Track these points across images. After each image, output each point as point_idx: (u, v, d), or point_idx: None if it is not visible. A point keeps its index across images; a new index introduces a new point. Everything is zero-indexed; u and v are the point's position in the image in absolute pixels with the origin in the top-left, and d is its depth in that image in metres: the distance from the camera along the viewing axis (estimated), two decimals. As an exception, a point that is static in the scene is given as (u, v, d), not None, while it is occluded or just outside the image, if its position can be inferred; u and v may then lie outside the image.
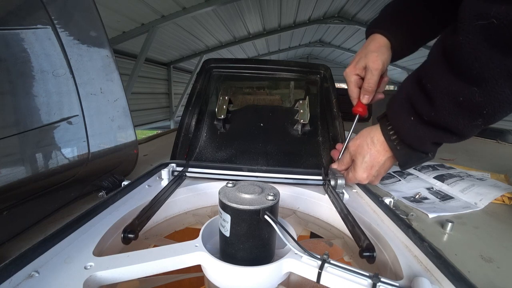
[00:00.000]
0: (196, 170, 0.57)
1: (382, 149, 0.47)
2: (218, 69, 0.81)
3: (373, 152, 0.48)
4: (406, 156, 0.45)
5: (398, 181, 0.71)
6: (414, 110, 0.40)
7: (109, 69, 0.55)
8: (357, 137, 0.51)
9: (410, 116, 0.41)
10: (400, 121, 0.43)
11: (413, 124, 0.40)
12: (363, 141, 0.49)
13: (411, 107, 0.40)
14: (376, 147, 0.48)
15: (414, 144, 0.43)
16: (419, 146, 0.43)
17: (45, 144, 0.44)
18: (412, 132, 0.41)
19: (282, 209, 0.55)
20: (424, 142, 0.41)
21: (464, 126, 0.36)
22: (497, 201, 0.60)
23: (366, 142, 0.48)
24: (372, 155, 0.48)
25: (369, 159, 0.49)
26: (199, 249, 0.33)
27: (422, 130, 0.40)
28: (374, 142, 0.48)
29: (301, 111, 0.70)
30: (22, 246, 0.37)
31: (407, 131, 0.42)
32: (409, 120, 0.41)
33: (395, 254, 0.35)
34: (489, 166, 0.86)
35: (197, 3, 3.67)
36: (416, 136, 0.41)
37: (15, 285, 0.27)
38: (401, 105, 0.42)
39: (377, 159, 0.48)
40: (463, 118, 0.35)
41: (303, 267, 0.31)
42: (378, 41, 0.54)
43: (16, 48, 0.41)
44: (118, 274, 0.30)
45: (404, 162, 0.46)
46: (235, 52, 6.69)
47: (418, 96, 0.39)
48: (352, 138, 0.52)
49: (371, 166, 0.49)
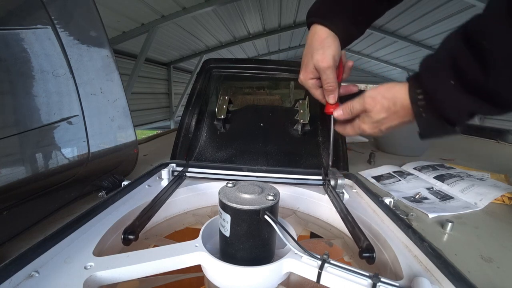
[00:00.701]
0: (196, 170, 0.57)
1: (402, 112, 0.42)
2: (218, 69, 0.81)
3: (391, 114, 0.42)
4: (430, 126, 0.39)
5: (398, 181, 0.71)
6: (458, 72, 0.33)
7: (109, 69, 0.55)
8: (378, 91, 0.44)
9: (450, 79, 0.34)
10: (436, 84, 0.36)
11: (452, 89, 0.34)
12: (384, 99, 0.43)
13: (455, 68, 0.34)
14: (396, 108, 0.42)
15: (447, 113, 0.37)
16: (452, 116, 0.37)
17: (45, 144, 0.44)
18: (449, 99, 0.35)
19: (282, 209, 0.55)
20: (460, 112, 0.36)
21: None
22: (497, 201, 0.60)
23: (388, 100, 0.42)
24: (389, 116, 0.43)
25: (384, 118, 0.43)
26: (199, 249, 0.33)
27: (462, 98, 0.34)
28: (397, 103, 0.41)
29: (301, 111, 0.70)
30: (22, 246, 0.37)
31: (443, 96, 0.36)
32: (448, 83, 0.35)
33: (395, 254, 0.35)
34: (489, 166, 0.86)
35: (197, 3, 3.68)
36: (453, 103, 0.35)
37: (15, 285, 0.27)
38: (441, 65, 0.36)
39: (393, 121, 0.43)
40: None
41: (303, 267, 0.31)
42: (319, 34, 0.49)
43: (16, 48, 0.41)
44: (118, 274, 0.30)
45: (426, 132, 0.41)
46: (235, 52, 6.69)
47: (466, 55, 0.32)
48: (372, 88, 0.45)
49: (382, 124, 0.44)
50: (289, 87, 0.97)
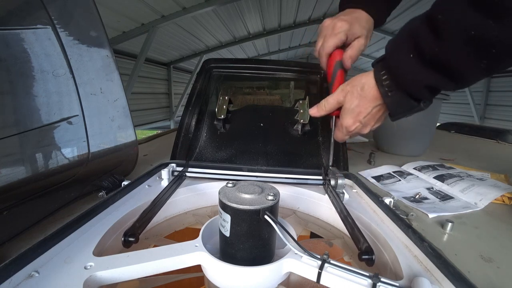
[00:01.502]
0: (196, 170, 0.57)
1: (371, 96, 0.45)
2: (218, 69, 0.81)
3: (362, 99, 0.46)
4: (397, 104, 0.43)
5: (398, 181, 0.71)
6: (415, 45, 0.37)
7: (109, 69, 0.55)
8: (348, 83, 0.48)
9: (409, 53, 0.38)
10: (397, 59, 0.40)
11: (411, 62, 0.38)
12: (353, 88, 0.47)
13: (413, 42, 0.38)
14: (365, 93, 0.45)
15: (408, 86, 0.40)
16: (413, 89, 0.40)
17: (45, 144, 0.44)
18: (408, 72, 0.39)
19: (282, 209, 0.55)
20: (419, 84, 0.39)
21: (466, 67, 0.34)
22: (497, 201, 0.60)
23: (356, 88, 0.46)
24: (361, 101, 0.46)
25: (357, 105, 0.47)
26: (199, 249, 0.33)
27: (420, 70, 0.37)
28: (364, 88, 0.45)
29: (301, 111, 0.70)
30: (22, 246, 0.37)
31: (403, 70, 0.40)
32: (407, 57, 0.38)
33: (395, 254, 0.35)
34: (489, 166, 0.86)
35: (197, 3, 3.68)
36: (412, 77, 0.39)
37: (15, 285, 0.27)
38: (402, 41, 0.40)
39: (365, 105, 0.46)
40: (468, 57, 0.33)
41: (303, 267, 0.31)
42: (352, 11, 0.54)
43: (16, 48, 0.41)
44: (118, 274, 0.30)
45: (394, 111, 0.45)
46: (235, 52, 6.70)
47: (424, 29, 0.36)
48: (341, 86, 0.50)
49: (358, 112, 0.47)
50: (289, 87, 0.97)
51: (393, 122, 0.95)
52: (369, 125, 0.50)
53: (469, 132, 1.65)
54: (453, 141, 1.41)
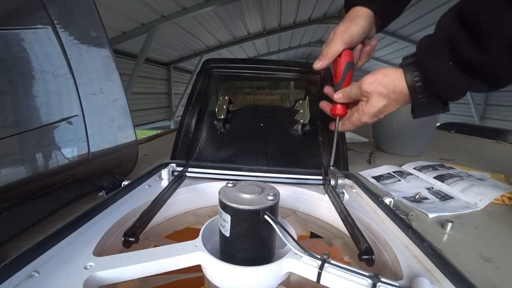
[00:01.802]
0: (196, 170, 0.57)
1: (401, 99, 0.43)
2: (218, 69, 0.81)
3: (391, 101, 0.44)
4: (425, 107, 0.42)
5: (398, 181, 0.71)
6: (455, 53, 0.35)
7: (109, 69, 0.55)
8: (377, 78, 0.45)
9: (448, 60, 0.36)
10: (435, 66, 0.38)
11: (450, 70, 0.36)
12: (384, 88, 0.44)
13: (452, 49, 0.35)
14: (396, 95, 0.43)
15: (444, 93, 0.39)
16: (449, 95, 0.39)
17: (45, 144, 0.44)
18: (447, 79, 0.37)
19: (282, 209, 0.55)
20: (457, 91, 0.37)
21: (508, 73, 0.33)
22: (497, 201, 0.60)
23: (387, 89, 0.44)
24: (390, 103, 0.44)
25: (384, 106, 0.45)
26: (199, 249, 0.33)
27: (459, 77, 0.35)
28: (396, 92, 0.43)
29: (301, 111, 0.70)
30: (22, 246, 0.37)
31: (441, 77, 0.37)
32: (446, 65, 0.36)
33: (395, 254, 0.35)
34: (489, 166, 0.86)
35: (197, 3, 3.68)
36: (451, 84, 0.37)
37: (15, 285, 0.27)
38: (439, 47, 0.37)
39: (392, 107, 0.45)
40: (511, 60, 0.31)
41: (303, 267, 0.31)
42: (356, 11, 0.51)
43: (16, 48, 0.41)
44: (118, 274, 0.30)
45: (420, 112, 0.43)
46: (235, 52, 6.69)
47: (463, 36, 0.34)
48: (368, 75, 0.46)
49: (383, 111, 0.46)
50: (289, 87, 0.97)
51: (393, 122, 0.95)
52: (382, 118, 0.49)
53: (469, 132, 1.65)
54: (453, 141, 1.41)
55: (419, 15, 4.42)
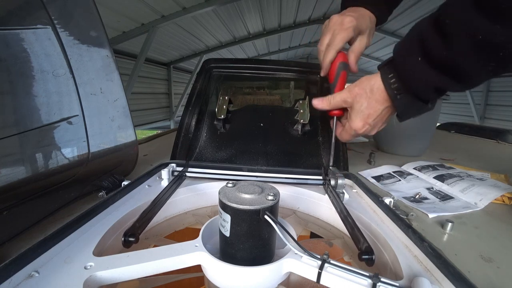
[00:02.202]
0: (196, 170, 0.57)
1: (381, 98, 0.45)
2: (218, 69, 0.81)
3: (371, 101, 0.46)
4: (405, 106, 0.44)
5: (398, 181, 0.71)
6: (424, 49, 0.38)
7: (109, 69, 0.55)
8: (356, 84, 0.48)
9: (418, 56, 0.39)
10: (406, 63, 0.41)
11: (419, 66, 0.39)
12: (362, 90, 0.47)
13: (422, 46, 0.38)
14: (375, 96, 0.46)
15: (417, 89, 0.41)
16: (422, 91, 0.41)
17: (45, 144, 0.44)
18: (417, 75, 0.40)
19: (282, 209, 0.55)
20: (428, 87, 0.40)
21: (474, 70, 0.35)
22: (497, 201, 0.60)
23: (365, 90, 0.46)
24: (370, 103, 0.46)
25: (366, 107, 0.47)
26: (199, 249, 0.33)
27: (428, 73, 0.38)
28: (374, 90, 0.46)
29: (301, 111, 0.70)
30: (22, 246, 0.37)
31: (411, 73, 0.40)
32: (416, 61, 0.39)
33: (395, 254, 0.35)
34: (489, 166, 0.86)
35: (197, 3, 3.68)
36: (421, 79, 0.40)
37: (15, 285, 0.27)
38: (410, 45, 0.40)
39: (375, 108, 0.47)
40: (476, 60, 0.34)
41: (303, 267, 0.31)
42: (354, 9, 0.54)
43: (16, 48, 0.41)
44: (118, 274, 0.30)
45: (402, 112, 0.45)
46: (235, 52, 6.70)
47: (432, 33, 0.37)
48: (349, 86, 0.50)
49: (368, 115, 0.48)
50: (289, 87, 0.97)
51: (393, 122, 0.95)
52: (377, 126, 0.50)
53: (469, 132, 1.65)
54: (453, 141, 1.41)
55: (419, 15, 4.43)
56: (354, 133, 0.52)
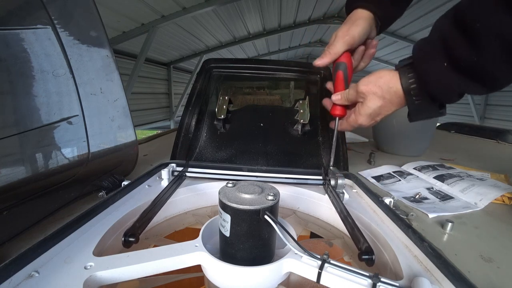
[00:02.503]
0: (196, 170, 0.57)
1: (396, 101, 0.44)
2: (218, 69, 0.81)
3: (386, 102, 0.44)
4: (422, 111, 0.42)
5: (398, 181, 0.71)
6: (450, 54, 0.35)
7: (109, 69, 0.55)
8: (372, 81, 0.45)
9: (443, 61, 0.36)
10: (430, 67, 0.38)
11: (445, 71, 0.36)
12: (378, 89, 0.44)
13: (447, 50, 0.35)
14: (391, 97, 0.43)
15: (439, 95, 0.39)
16: (444, 97, 0.39)
17: (45, 144, 0.44)
18: (442, 81, 0.37)
19: (282, 209, 0.55)
20: (452, 92, 0.38)
21: (504, 74, 0.33)
22: (497, 201, 0.60)
23: (382, 89, 0.44)
24: (385, 104, 0.45)
25: (379, 108, 0.45)
26: (199, 249, 0.33)
27: (454, 78, 0.36)
28: (391, 92, 0.43)
29: (301, 111, 0.70)
30: (22, 246, 0.37)
31: (436, 79, 0.37)
32: (441, 66, 0.36)
33: (395, 254, 0.35)
34: (489, 166, 0.86)
35: (197, 3, 3.68)
36: (446, 85, 0.37)
37: (15, 285, 0.27)
38: (433, 49, 0.37)
39: (388, 109, 0.45)
40: (507, 64, 0.32)
41: (303, 267, 0.31)
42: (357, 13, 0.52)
43: (16, 48, 0.41)
44: (118, 274, 0.30)
45: (415, 115, 0.43)
46: (235, 52, 6.69)
47: (457, 37, 0.34)
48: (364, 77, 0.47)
49: (379, 113, 0.46)
50: (289, 87, 0.97)
51: (393, 122, 0.95)
52: (379, 121, 0.49)
53: (469, 132, 1.65)
54: (453, 141, 1.41)
55: (419, 15, 4.42)
56: (357, 126, 0.51)
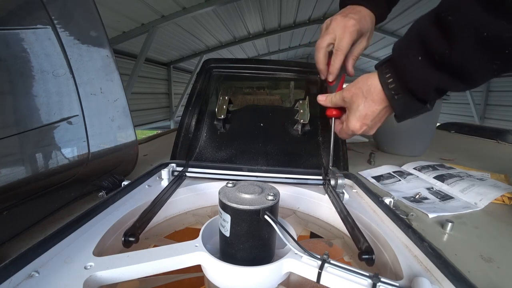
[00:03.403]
0: (196, 170, 0.57)
1: (378, 98, 0.44)
2: (218, 69, 0.81)
3: (368, 101, 0.45)
4: (403, 106, 0.43)
5: (398, 181, 0.71)
6: (425, 47, 0.36)
7: (109, 69, 0.55)
8: (353, 84, 0.47)
9: (418, 55, 0.37)
10: (405, 62, 0.39)
11: (420, 65, 0.37)
12: (358, 90, 0.46)
13: (422, 44, 0.36)
14: (372, 96, 0.44)
15: (416, 90, 0.39)
16: (421, 92, 0.39)
17: (45, 144, 0.44)
18: (416, 75, 0.38)
19: (282, 209, 0.55)
20: (428, 87, 0.38)
21: (478, 69, 0.33)
22: (497, 201, 0.60)
23: (362, 90, 0.45)
24: (367, 104, 0.45)
25: (363, 108, 0.46)
26: (199, 249, 0.33)
27: (429, 72, 0.36)
28: (371, 90, 0.44)
29: (301, 111, 0.70)
30: (22, 246, 0.37)
31: (411, 73, 0.38)
32: (416, 60, 0.37)
33: (395, 254, 0.35)
34: (489, 166, 0.86)
35: (197, 3, 3.68)
36: (421, 79, 0.38)
37: (15, 285, 0.27)
38: (410, 43, 0.38)
39: (372, 108, 0.45)
40: (481, 58, 0.32)
41: (303, 267, 0.31)
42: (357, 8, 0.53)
43: (16, 48, 0.41)
44: (118, 274, 0.30)
45: (401, 113, 0.44)
46: (235, 52, 6.70)
47: (433, 31, 0.35)
48: (348, 85, 0.49)
49: (365, 115, 0.47)
50: (289, 87, 0.97)
51: (393, 122, 0.95)
52: (375, 126, 0.50)
53: (469, 132, 1.65)
54: (453, 141, 1.41)
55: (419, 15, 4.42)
56: (351, 133, 0.51)
